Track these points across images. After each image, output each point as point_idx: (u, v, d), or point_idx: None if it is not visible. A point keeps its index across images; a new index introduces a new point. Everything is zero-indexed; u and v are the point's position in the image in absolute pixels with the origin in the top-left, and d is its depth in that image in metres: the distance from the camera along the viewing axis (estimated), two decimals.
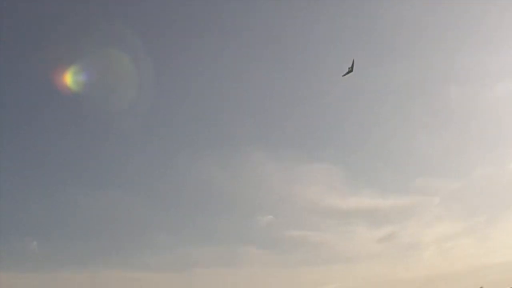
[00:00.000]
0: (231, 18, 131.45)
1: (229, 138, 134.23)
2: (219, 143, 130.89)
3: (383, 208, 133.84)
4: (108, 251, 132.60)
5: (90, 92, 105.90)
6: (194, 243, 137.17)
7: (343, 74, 62.13)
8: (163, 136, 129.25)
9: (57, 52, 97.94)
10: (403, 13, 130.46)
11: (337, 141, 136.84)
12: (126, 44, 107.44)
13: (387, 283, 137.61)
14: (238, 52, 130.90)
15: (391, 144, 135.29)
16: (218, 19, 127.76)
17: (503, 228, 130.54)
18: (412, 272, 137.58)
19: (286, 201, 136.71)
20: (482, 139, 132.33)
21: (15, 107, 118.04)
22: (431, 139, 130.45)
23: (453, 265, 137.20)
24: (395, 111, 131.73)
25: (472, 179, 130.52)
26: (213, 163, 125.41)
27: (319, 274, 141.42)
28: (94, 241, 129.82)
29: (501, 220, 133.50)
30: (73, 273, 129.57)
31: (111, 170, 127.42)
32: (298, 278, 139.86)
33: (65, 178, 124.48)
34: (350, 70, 60.74)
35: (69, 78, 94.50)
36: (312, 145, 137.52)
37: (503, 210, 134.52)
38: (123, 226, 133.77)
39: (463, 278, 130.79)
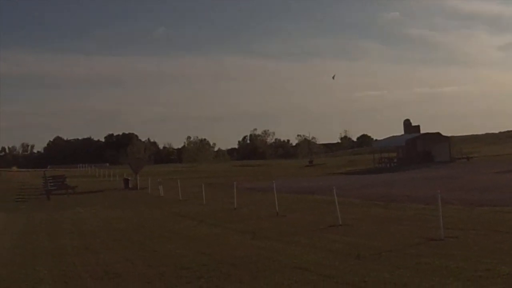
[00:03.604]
0: None
1: None
2: None
3: (507, 15, 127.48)
4: (232, 38, 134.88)
5: None
6: (315, 33, 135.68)
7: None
8: None
9: None
10: None
11: None
12: None
13: (507, 91, 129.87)
14: None
15: None
16: None
17: None
18: None
19: None
20: None
21: None
22: None
23: None
24: None
25: None
26: None
27: (436, 75, 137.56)
28: (219, 27, 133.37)
29: None
30: (197, 57, 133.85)
31: None
32: (415, 77, 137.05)
33: None
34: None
35: None
36: None
37: None
38: (244, 10, 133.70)
39: None
